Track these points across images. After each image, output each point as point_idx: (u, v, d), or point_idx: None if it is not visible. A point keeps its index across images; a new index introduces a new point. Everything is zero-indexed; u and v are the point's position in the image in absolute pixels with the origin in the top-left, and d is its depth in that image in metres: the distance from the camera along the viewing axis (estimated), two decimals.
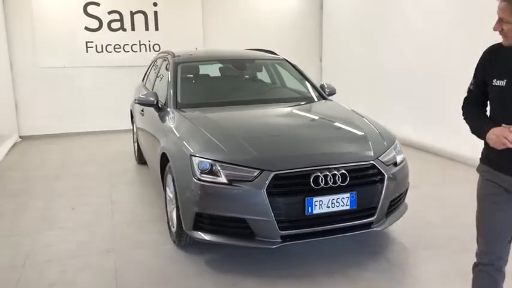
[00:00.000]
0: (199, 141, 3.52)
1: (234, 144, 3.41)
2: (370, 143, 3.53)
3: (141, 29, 8.88)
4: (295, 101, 4.66)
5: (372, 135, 3.68)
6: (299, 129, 3.82)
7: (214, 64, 5.19)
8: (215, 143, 3.42)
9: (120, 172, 6.15)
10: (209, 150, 3.35)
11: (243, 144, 3.41)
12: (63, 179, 5.84)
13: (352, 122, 3.97)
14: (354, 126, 3.86)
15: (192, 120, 3.89)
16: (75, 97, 8.76)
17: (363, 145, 3.51)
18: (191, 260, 3.55)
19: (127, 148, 7.46)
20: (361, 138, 3.61)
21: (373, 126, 3.87)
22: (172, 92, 4.43)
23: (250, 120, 4.08)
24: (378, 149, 3.49)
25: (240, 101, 4.54)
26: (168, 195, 3.91)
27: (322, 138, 3.60)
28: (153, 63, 6.23)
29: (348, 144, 3.55)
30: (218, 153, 3.30)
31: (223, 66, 5.20)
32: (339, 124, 3.93)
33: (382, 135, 3.74)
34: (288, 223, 3.16)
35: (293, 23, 9.77)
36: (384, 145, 3.59)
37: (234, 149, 3.34)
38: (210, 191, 3.21)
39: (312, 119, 4.17)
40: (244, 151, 3.33)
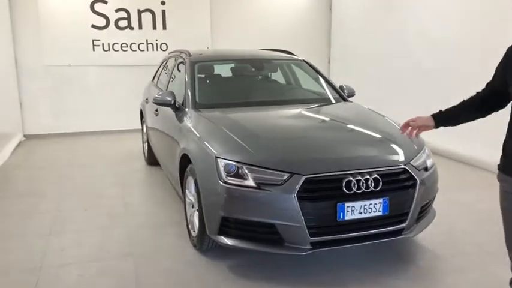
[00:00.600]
0: (224, 142, 3.39)
1: (261, 146, 3.29)
2: (401, 147, 3.42)
3: (149, 28, 8.75)
4: (315, 102, 4.54)
5: (402, 139, 3.56)
6: (326, 131, 3.70)
7: (231, 64, 5.05)
8: (241, 145, 3.29)
9: (129, 173, 6.02)
10: (235, 152, 3.23)
11: (270, 146, 3.29)
12: (71, 180, 5.70)
13: (380, 125, 3.86)
14: (382, 128, 3.75)
15: (214, 121, 3.77)
16: (81, 96, 8.63)
17: (394, 149, 3.40)
18: (213, 265, 3.43)
19: (135, 148, 7.33)
20: (391, 142, 3.50)
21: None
22: (190, 92, 4.31)
23: (274, 121, 3.96)
24: (409, 153, 3.38)
25: (259, 101, 4.42)
26: (188, 198, 3.78)
27: (352, 141, 3.48)
28: (165, 63, 6.10)
29: (379, 147, 3.43)
30: (245, 155, 3.18)
31: (240, 66, 5.08)
32: (367, 126, 3.81)
33: (411, 138, 3.62)
34: (319, 229, 3.03)
35: (301, 23, 9.67)
36: (414, 149, 3.48)
37: (261, 151, 3.21)
38: (237, 194, 3.08)
39: (337, 120, 4.05)
40: (272, 153, 3.21)
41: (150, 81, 6.61)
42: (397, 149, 3.39)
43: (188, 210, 3.85)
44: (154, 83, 6.22)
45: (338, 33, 9.61)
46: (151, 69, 8.53)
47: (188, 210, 3.85)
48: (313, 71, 4.98)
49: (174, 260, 3.52)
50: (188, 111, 4.15)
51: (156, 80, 6.15)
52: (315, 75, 4.94)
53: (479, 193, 5.03)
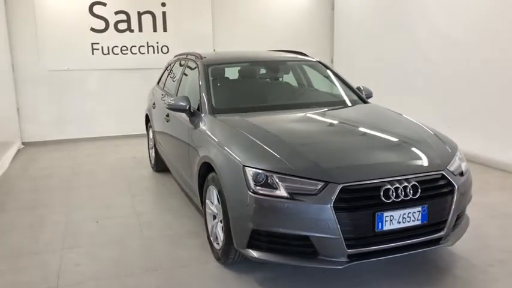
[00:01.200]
0: (250, 150, 3.21)
1: (291, 153, 3.11)
2: (436, 151, 3.27)
3: (149, 30, 8.54)
4: (335, 104, 4.37)
5: (435, 142, 3.42)
6: (356, 136, 3.52)
7: (245, 66, 4.87)
8: (269, 152, 3.11)
9: (137, 180, 5.81)
10: (264, 160, 3.05)
11: (300, 152, 3.11)
12: (77, 189, 5.49)
13: (409, 127, 3.71)
14: (413, 131, 3.60)
15: (235, 127, 3.58)
16: (81, 101, 8.40)
17: (430, 153, 3.24)
18: (241, 279, 3.25)
19: (139, 154, 7.13)
20: (425, 146, 3.34)
21: (432, 132, 3.61)
22: (205, 97, 4.12)
23: (298, 126, 3.78)
24: (444, 157, 3.23)
25: (278, 105, 4.24)
26: (210, 208, 3.60)
27: (385, 146, 3.31)
28: (171, 66, 5.91)
29: (415, 152, 3.25)
30: (275, 163, 3.00)
31: (255, 68, 4.89)
32: (397, 129, 3.65)
33: (444, 141, 3.48)
34: (356, 241, 2.86)
35: (303, 23, 9.51)
36: (448, 152, 3.33)
37: (292, 159, 3.03)
38: (268, 205, 2.90)
39: (364, 124, 3.88)
40: (303, 160, 3.03)
41: (155, 85, 6.41)
42: (432, 154, 3.23)
43: (209, 222, 3.67)
44: (160, 87, 6.02)
45: (341, 33, 9.46)
46: (153, 72, 8.38)
47: (209, 221, 3.67)
48: (329, 72, 4.82)
49: (198, 275, 3.34)
50: (205, 116, 3.97)
51: (163, 84, 5.95)
52: (332, 77, 4.77)
53: (499, 195, 4.90)
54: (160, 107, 5.36)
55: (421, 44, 7.08)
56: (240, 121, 3.74)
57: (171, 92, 5.24)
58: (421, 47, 7.09)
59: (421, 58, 7.12)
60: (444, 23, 6.63)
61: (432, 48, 6.87)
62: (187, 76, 5.03)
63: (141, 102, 8.45)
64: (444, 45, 6.64)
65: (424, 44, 7.03)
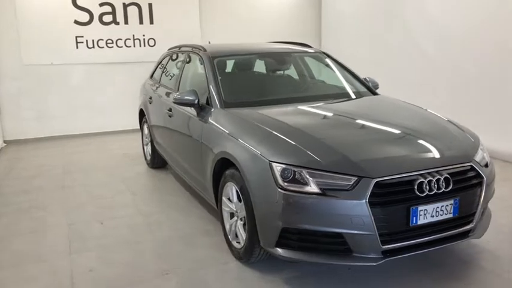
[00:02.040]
0: (275, 144, 3.08)
1: (318, 147, 3.00)
2: (462, 142, 3.21)
3: (135, 23, 8.27)
4: (347, 96, 4.26)
5: (459, 133, 3.37)
6: (379, 128, 3.41)
7: (251, 58, 4.72)
8: (295, 146, 2.99)
9: (134, 178, 5.61)
10: (292, 155, 2.93)
11: (328, 146, 3.00)
12: (73, 189, 5.25)
13: (430, 119, 3.65)
14: (436, 123, 3.54)
15: (253, 120, 3.44)
16: (65, 97, 8.08)
17: (457, 144, 3.18)
18: (266, 280, 3.13)
19: (130, 151, 6.90)
20: (451, 137, 3.28)
21: (453, 123, 3.55)
22: (215, 90, 3.96)
23: (318, 119, 3.66)
24: (470, 149, 3.18)
25: (290, 98, 4.11)
26: (228, 206, 3.46)
27: (412, 138, 3.22)
28: (168, 59, 5.71)
29: (442, 144, 3.18)
30: (303, 158, 2.89)
31: (262, 60, 4.75)
32: (419, 121, 3.58)
33: (466, 132, 3.43)
34: (390, 236, 2.78)
35: (291, 16, 9.39)
36: (472, 143, 3.28)
37: (320, 152, 2.92)
38: (300, 202, 2.79)
39: (383, 115, 3.79)
40: (332, 154, 2.92)
41: (148, 79, 6.19)
42: (459, 145, 3.18)
43: (226, 220, 3.53)
44: (155, 80, 5.81)
45: (328, 25, 9.38)
46: (139, 66, 8.20)
47: (226, 219, 3.53)
48: (336, 64, 4.72)
49: (220, 276, 3.20)
50: (216, 110, 3.82)
51: (158, 78, 5.74)
52: (338, 68, 4.67)
53: (507, 185, 4.92)
54: (159, 102, 5.16)
55: (417, 39, 7.04)
56: (255, 114, 3.60)
57: (171, 86, 5.05)
58: (416, 39, 7.06)
59: (415, 52, 7.08)
60: (439, 14, 6.61)
61: (427, 41, 6.85)
62: (189, 69, 4.86)
63: (127, 97, 8.26)
64: (440, 38, 6.62)
65: (418, 35, 7.01)
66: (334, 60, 4.77)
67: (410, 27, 7.15)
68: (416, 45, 7.05)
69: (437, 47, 6.70)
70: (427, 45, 6.86)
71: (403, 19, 7.29)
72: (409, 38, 7.19)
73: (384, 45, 7.79)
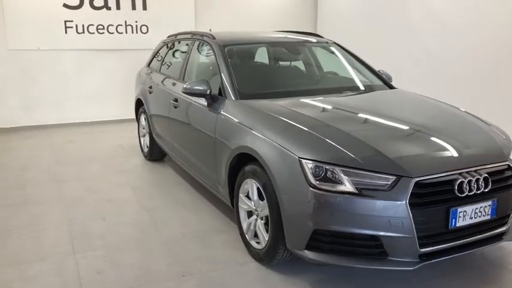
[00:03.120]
0: (303, 139, 2.88)
1: (350, 142, 2.81)
2: (496, 141, 3.07)
3: (128, 8, 7.92)
4: (366, 89, 4.08)
5: (492, 131, 3.22)
6: (408, 124, 3.19)
7: (262, 47, 4.49)
8: (326, 142, 2.80)
9: (132, 171, 5.35)
10: (323, 151, 2.74)
11: (361, 142, 2.81)
12: (69, 182, 4.97)
13: (460, 115, 3.49)
14: (466, 120, 3.38)
15: (275, 113, 3.23)
16: (53, 84, 7.72)
17: (492, 143, 3.04)
18: (290, 282, 2.95)
19: (124, 142, 6.63)
20: (485, 135, 3.13)
21: (483, 120, 3.41)
22: (228, 80, 3.74)
23: (344, 113, 3.43)
24: (505, 147, 3.03)
25: (307, 90, 3.92)
26: (246, 203, 3.26)
27: (447, 135, 3.04)
28: (168, 46, 5.44)
29: (478, 142, 3.03)
30: (336, 155, 2.70)
31: (274, 49, 4.53)
32: (449, 118, 3.43)
33: (497, 130, 3.29)
34: (428, 239, 2.63)
35: (287, 7, 9.14)
36: (506, 141, 3.14)
37: (354, 149, 2.73)
38: (333, 202, 2.60)
39: (409, 110, 3.61)
40: (367, 151, 2.74)
41: (145, 68, 5.92)
42: (494, 144, 3.04)
43: (243, 218, 3.34)
44: (154, 69, 5.54)
45: (324, 20, 9.18)
46: (132, 54, 7.91)
47: (243, 217, 3.34)
48: (348, 55, 4.54)
49: (239, 279, 3.01)
50: (230, 102, 3.60)
51: (157, 66, 5.47)
52: (351, 60, 4.49)
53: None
54: (162, 91, 4.91)
55: (418, 32, 6.89)
56: (275, 106, 3.39)
57: (174, 75, 4.79)
58: (418, 35, 6.91)
59: (418, 47, 6.93)
60: (443, 9, 6.47)
61: (431, 38, 6.70)
62: (195, 58, 4.62)
63: (119, 85, 7.98)
64: (444, 34, 6.49)
65: (421, 31, 6.86)
66: (348, 51, 4.59)
67: (412, 22, 6.99)
68: (418, 41, 6.89)
69: (441, 44, 6.57)
70: (431, 42, 6.71)
71: (403, 13, 7.12)
72: (410, 33, 7.03)
73: (383, 39, 7.62)
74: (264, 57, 4.46)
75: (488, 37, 5.81)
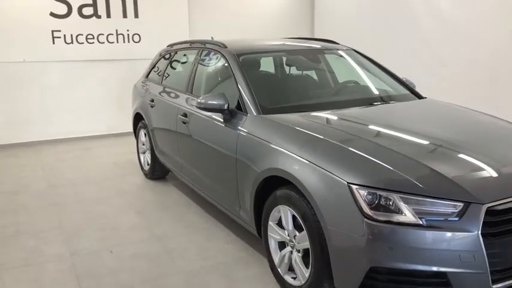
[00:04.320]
0: (350, 161, 2.52)
1: (405, 164, 2.46)
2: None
3: (118, 16, 7.49)
4: (395, 99, 3.73)
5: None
6: (464, 140, 2.86)
7: (277, 56, 4.13)
8: (378, 164, 2.44)
9: (134, 192, 4.93)
10: (376, 175, 2.38)
11: (418, 162, 2.46)
12: (65, 206, 4.53)
13: (506, 127, 3.18)
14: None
15: (308, 130, 2.87)
16: (40, 98, 7.22)
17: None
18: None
19: (120, 159, 6.21)
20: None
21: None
22: (247, 93, 3.37)
23: (384, 127, 3.02)
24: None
25: (334, 102, 3.57)
26: (278, 233, 2.90)
27: (507, 152, 2.73)
28: (170, 56, 5.05)
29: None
30: (393, 179, 2.35)
31: (292, 58, 4.17)
32: (503, 131, 3.11)
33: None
34: (501, 273, 2.29)
35: (283, 11, 8.82)
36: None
37: (411, 171, 2.38)
38: (393, 235, 2.25)
39: (456, 124, 3.28)
40: (426, 173, 2.39)
41: (144, 79, 5.52)
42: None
43: (274, 250, 2.97)
44: (154, 81, 5.15)
45: (323, 24, 8.88)
46: (123, 64, 7.52)
47: (274, 249, 2.97)
48: (370, 62, 4.22)
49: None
50: (251, 117, 3.22)
51: (159, 78, 5.07)
52: (372, 67, 4.17)
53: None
54: (166, 105, 4.51)
55: (425, 34, 6.62)
56: (306, 122, 3.04)
57: (180, 87, 4.41)
58: (425, 37, 6.63)
59: (424, 50, 6.66)
60: (450, 10, 6.21)
61: (438, 40, 6.44)
62: (203, 69, 4.24)
63: (110, 97, 7.57)
64: (452, 36, 6.22)
65: (427, 33, 6.59)
66: (368, 58, 4.26)
67: (419, 23, 6.71)
68: (425, 43, 6.62)
69: (450, 47, 6.30)
70: (438, 45, 6.44)
71: (409, 15, 6.84)
72: (417, 36, 6.75)
73: (386, 40, 7.33)
74: (282, 66, 4.10)
75: (501, 44, 5.56)
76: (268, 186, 2.96)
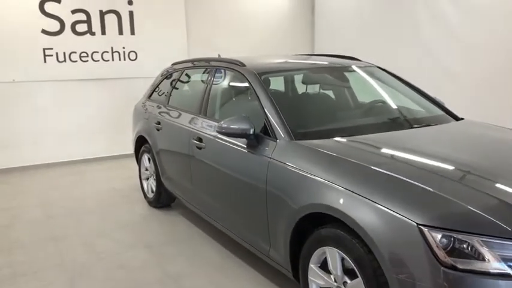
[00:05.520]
0: (416, 198, 2.16)
1: (480, 200, 2.12)
2: None
3: (114, 33, 7.13)
4: (434, 121, 3.40)
5: None
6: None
7: (300, 74, 3.80)
8: (450, 200, 2.10)
9: (139, 223, 4.52)
10: (450, 214, 2.05)
11: (496, 198, 2.13)
12: (65, 242, 4.11)
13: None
14: None
15: (360, 160, 2.51)
16: (31, 120, 6.80)
17: None
18: None
19: (120, 184, 5.81)
20: None
21: None
22: (275, 116, 3.03)
23: (436, 155, 2.66)
24: None
25: (374, 124, 3.24)
26: (322, 278, 2.54)
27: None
28: (177, 76, 4.71)
29: None
30: (471, 219, 2.01)
31: (318, 77, 3.85)
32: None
33: None
34: None
35: (283, 25, 8.56)
36: None
37: (490, 209, 2.05)
38: (479, 286, 1.91)
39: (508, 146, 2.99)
40: (506, 211, 2.06)
41: (146, 100, 5.16)
42: None
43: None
44: (160, 101, 4.79)
45: (323, 35, 8.63)
46: (119, 82, 7.20)
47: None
48: (396, 80, 3.92)
49: None
50: (282, 144, 2.88)
51: (165, 98, 4.72)
52: (399, 85, 3.87)
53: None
54: (176, 128, 4.15)
55: (433, 47, 6.38)
56: (350, 149, 2.71)
57: (192, 109, 4.05)
58: (433, 51, 6.39)
59: (431, 63, 6.41)
60: (458, 20, 5.99)
61: (447, 54, 6.20)
62: (218, 88, 3.90)
63: (106, 118, 7.22)
64: (461, 47, 5.99)
65: (436, 47, 6.36)
66: (395, 75, 3.97)
67: (425, 35, 6.46)
68: (433, 57, 6.37)
69: (458, 58, 6.06)
70: (447, 58, 6.19)
71: (416, 26, 6.60)
72: (424, 48, 6.51)
73: (392, 58, 7.08)
74: (307, 86, 3.77)
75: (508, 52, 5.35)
76: (308, 223, 2.61)
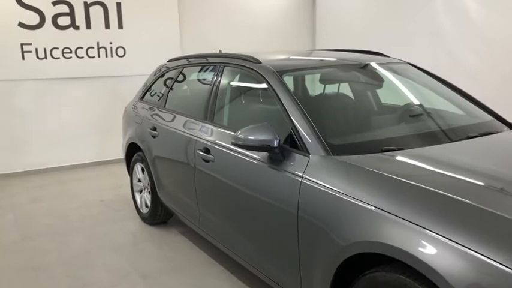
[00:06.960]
0: (495, 229, 1.63)
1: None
2: None
3: (100, 27, 6.48)
4: (488, 129, 2.85)
5: None
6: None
7: (327, 72, 3.22)
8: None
9: (132, 245, 3.93)
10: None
11: None
12: (46, 271, 3.49)
13: None
14: None
15: (431, 186, 1.93)
16: (7, 123, 6.14)
17: None
18: None
19: (107, 195, 5.22)
20: None
21: None
22: (303, 125, 2.46)
23: (503, 173, 2.18)
24: None
25: (425, 134, 2.67)
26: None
27: None
28: (175, 75, 4.11)
29: None
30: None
31: (347, 75, 3.27)
32: None
33: None
34: None
35: (283, 22, 7.99)
36: None
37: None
38: None
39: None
40: None
41: (136, 101, 4.57)
42: None
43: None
44: (154, 104, 4.19)
45: (324, 31, 8.09)
46: (106, 81, 6.58)
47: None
48: (433, 79, 3.37)
49: None
50: (317, 160, 2.30)
51: (161, 100, 4.11)
52: (438, 86, 3.32)
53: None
54: (176, 136, 3.55)
55: (448, 43, 5.88)
56: (412, 169, 2.15)
57: (195, 114, 3.46)
58: (448, 47, 5.89)
59: (447, 60, 5.91)
60: (478, 14, 5.49)
61: (464, 49, 5.70)
62: (226, 90, 3.31)
63: (91, 120, 6.61)
64: (481, 43, 5.49)
65: (451, 42, 5.85)
66: (431, 74, 3.42)
67: (439, 29, 5.95)
68: (448, 53, 5.86)
69: (478, 55, 5.57)
70: (464, 54, 5.69)
71: (429, 21, 6.09)
72: (438, 44, 6.00)
73: (397, 48, 6.54)
74: (336, 86, 3.19)
75: None
76: (351, 262, 2.05)
